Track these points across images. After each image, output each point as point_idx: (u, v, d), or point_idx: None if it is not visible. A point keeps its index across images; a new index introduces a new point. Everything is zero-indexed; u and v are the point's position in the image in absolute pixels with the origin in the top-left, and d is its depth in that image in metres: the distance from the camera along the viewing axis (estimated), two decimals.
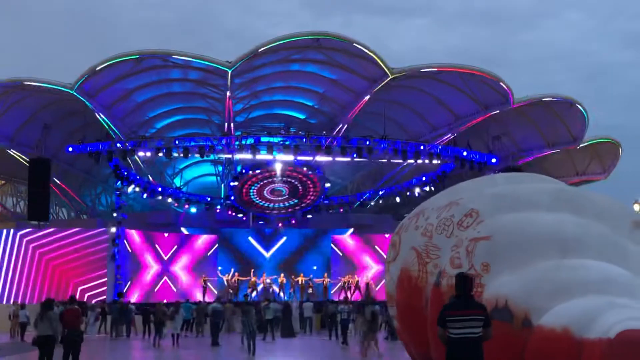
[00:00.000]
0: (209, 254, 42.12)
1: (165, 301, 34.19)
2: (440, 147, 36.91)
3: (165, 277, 40.26)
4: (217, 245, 42.44)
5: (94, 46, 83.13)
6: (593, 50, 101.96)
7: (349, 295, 38.33)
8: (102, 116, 36.81)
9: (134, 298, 36.96)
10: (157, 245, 40.31)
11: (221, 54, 35.38)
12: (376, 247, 42.84)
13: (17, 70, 47.90)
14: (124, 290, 36.60)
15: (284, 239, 43.36)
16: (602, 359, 10.90)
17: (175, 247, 41.23)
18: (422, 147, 35.83)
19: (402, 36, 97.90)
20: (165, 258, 40.52)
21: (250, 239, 43.21)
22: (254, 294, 38.55)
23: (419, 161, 36.66)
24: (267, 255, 43.07)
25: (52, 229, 37.78)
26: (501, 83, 35.69)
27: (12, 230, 37.47)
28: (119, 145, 34.92)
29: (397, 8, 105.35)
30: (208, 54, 34.91)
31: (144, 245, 39.51)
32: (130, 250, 38.08)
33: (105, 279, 36.60)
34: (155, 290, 39.51)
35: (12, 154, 39.68)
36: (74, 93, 34.61)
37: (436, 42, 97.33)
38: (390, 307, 16.80)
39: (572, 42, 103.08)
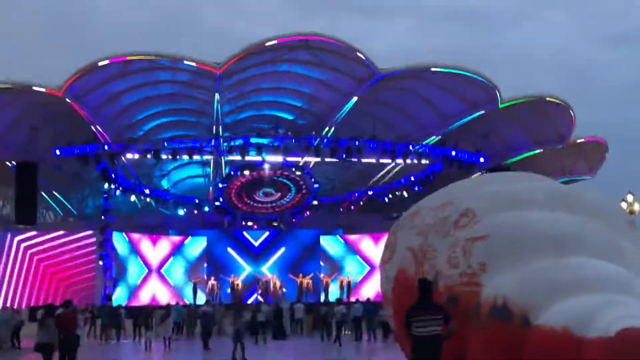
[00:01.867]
0: (197, 256, 41.94)
1: (154, 304, 34.08)
2: (428, 147, 36.93)
3: (154, 280, 40.02)
4: (205, 247, 42.28)
5: (72, 49, 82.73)
6: (574, 50, 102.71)
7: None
8: (90, 119, 36.59)
9: (122, 301, 36.72)
10: (145, 248, 40.10)
11: (203, 55, 35.22)
12: (365, 247, 42.87)
13: None
14: (112, 294, 36.37)
15: (273, 240, 43.31)
16: (603, 357, 10.93)
17: (164, 249, 41.01)
18: (410, 147, 35.85)
19: (385, 36, 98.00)
20: (154, 260, 40.29)
21: (239, 240, 43.10)
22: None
23: (408, 161, 36.66)
24: (255, 256, 42.99)
25: (42, 232, 37.59)
26: (488, 82, 35.82)
27: (9, 234, 37.16)
28: (106, 147, 34.68)
29: (380, 8, 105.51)
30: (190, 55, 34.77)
31: (132, 248, 39.29)
32: (118, 253, 37.83)
33: (94, 282, 36.37)
34: (144, 293, 39.29)
35: None
36: (61, 96, 34.38)
37: (419, 42, 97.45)
38: (386, 307, 16.78)
39: (553, 42, 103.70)
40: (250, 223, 42.70)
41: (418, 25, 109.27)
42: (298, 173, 38.91)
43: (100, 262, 36.10)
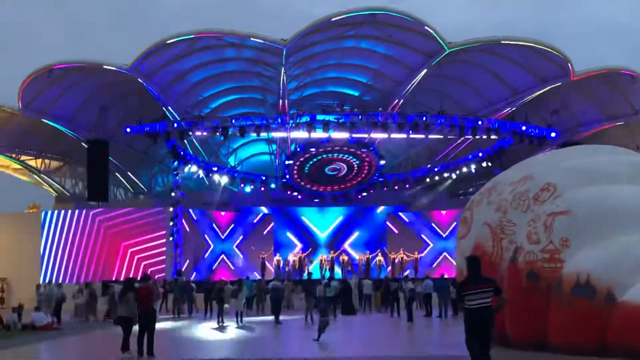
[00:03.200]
0: (265, 232, 42.36)
1: (224, 279, 34.52)
2: (498, 122, 36.22)
3: (223, 255, 40.59)
4: (273, 223, 42.66)
5: (136, 29, 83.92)
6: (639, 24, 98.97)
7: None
8: (159, 97, 37.07)
9: (192, 276, 37.29)
10: (214, 224, 40.65)
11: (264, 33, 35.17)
12: (432, 224, 42.65)
13: (62, 55, 47.62)
14: (183, 269, 36.93)
15: (340, 216, 43.47)
16: None
17: (232, 225, 41.52)
18: (480, 123, 35.19)
19: (445, 11, 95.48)
20: (223, 236, 40.84)
21: (306, 217, 43.41)
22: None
23: (477, 137, 36.06)
24: (323, 233, 43.24)
25: (115, 209, 38.40)
26: (560, 55, 34.93)
27: (84, 211, 38.05)
28: (176, 125, 35.03)
29: None
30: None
31: (202, 224, 39.86)
32: (188, 229, 38.39)
33: (164, 257, 36.96)
34: (214, 268, 39.89)
35: (70, 135, 40.26)
36: (131, 74, 34.89)
37: (480, 17, 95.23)
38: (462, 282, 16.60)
39: (619, 15, 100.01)
40: (316, 200, 42.77)
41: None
42: (364, 150, 38.72)
43: (171, 238, 36.63)
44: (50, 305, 25.59)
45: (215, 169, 40.26)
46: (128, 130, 35.27)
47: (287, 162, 39.80)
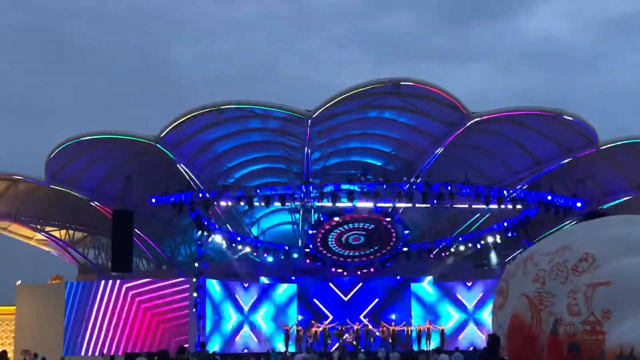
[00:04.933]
0: (287, 302, 41.96)
1: (248, 351, 34.09)
2: (523, 191, 36.06)
3: (245, 327, 40.14)
4: (295, 293, 42.29)
5: (157, 101, 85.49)
6: None
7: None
8: (184, 167, 37.29)
9: (214, 348, 36.85)
10: (236, 295, 40.35)
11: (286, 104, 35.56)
12: (457, 295, 42.15)
13: (85, 125, 47.79)
14: (206, 341, 36.52)
15: (363, 287, 43.05)
16: None
17: (255, 295, 41.19)
18: (505, 192, 35.10)
19: (461, 81, 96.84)
20: (245, 307, 40.47)
21: (329, 287, 43.01)
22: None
23: (502, 206, 35.85)
24: (346, 304, 42.75)
25: (147, 279, 38.34)
26: (586, 125, 34.93)
27: (110, 281, 38.00)
28: (201, 195, 35.16)
29: (457, 53, 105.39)
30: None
31: (225, 295, 39.58)
32: (211, 300, 38.12)
33: (187, 328, 36.65)
34: (236, 340, 39.41)
35: (94, 206, 40.46)
36: (158, 145, 35.19)
37: (496, 86, 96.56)
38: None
39: (636, 83, 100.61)
40: (340, 270, 42.46)
41: (494, 69, 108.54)
42: (388, 219, 38.58)
43: (194, 309, 36.37)
44: None
45: (238, 238, 40.20)
46: (153, 200, 35.45)
47: (310, 232, 39.67)
